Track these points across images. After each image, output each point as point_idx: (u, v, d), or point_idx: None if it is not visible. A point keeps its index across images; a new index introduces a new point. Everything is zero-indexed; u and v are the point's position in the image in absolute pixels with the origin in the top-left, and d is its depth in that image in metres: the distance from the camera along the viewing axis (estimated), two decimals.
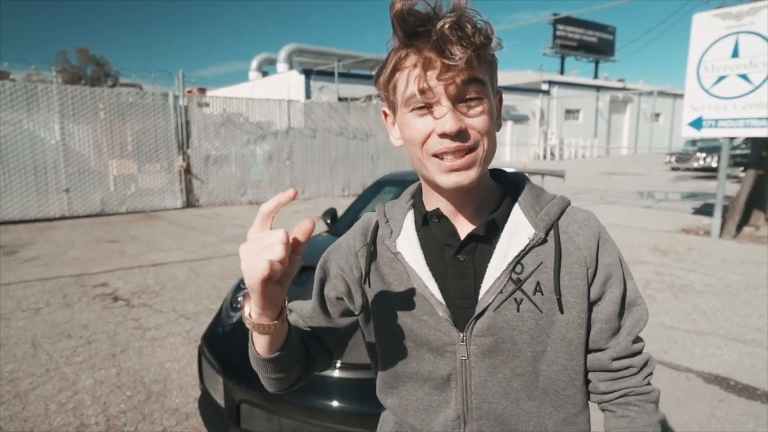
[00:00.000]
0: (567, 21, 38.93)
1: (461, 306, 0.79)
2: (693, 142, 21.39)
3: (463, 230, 0.82)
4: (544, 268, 0.78)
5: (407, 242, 0.84)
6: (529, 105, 30.04)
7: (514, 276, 0.78)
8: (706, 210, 10.02)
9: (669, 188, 15.26)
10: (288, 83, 24.10)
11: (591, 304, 0.81)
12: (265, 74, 32.53)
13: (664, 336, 3.98)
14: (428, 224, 0.84)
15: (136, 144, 10.89)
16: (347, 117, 14.20)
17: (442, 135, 0.71)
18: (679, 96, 30.73)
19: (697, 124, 7.93)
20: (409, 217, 0.87)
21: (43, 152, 9.77)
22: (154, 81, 12.38)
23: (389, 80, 0.76)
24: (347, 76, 24.73)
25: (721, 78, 7.57)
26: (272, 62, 32.56)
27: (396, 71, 0.74)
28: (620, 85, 39.36)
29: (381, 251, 0.87)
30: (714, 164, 18.48)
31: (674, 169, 21.07)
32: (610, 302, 0.81)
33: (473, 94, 0.71)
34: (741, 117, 7.43)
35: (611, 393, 0.83)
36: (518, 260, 0.78)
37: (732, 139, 8.34)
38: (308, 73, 24.21)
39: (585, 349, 0.82)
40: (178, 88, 11.34)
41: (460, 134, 0.71)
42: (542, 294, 0.78)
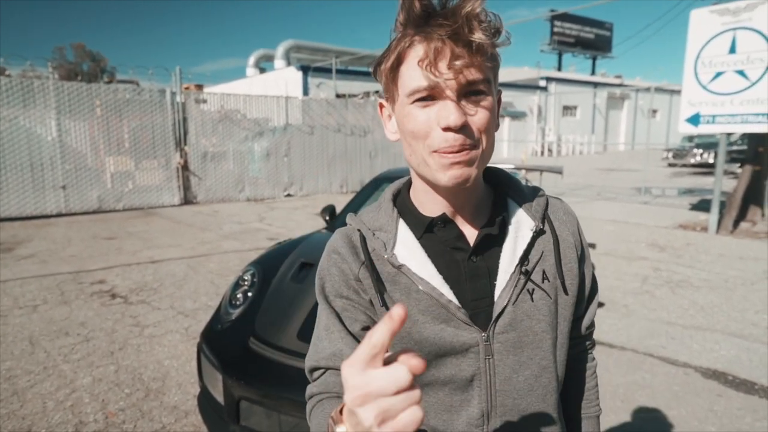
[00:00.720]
0: (564, 17, 38.90)
1: (479, 307, 0.79)
2: (690, 138, 21.42)
3: (466, 232, 0.81)
4: (546, 257, 0.83)
5: (410, 252, 0.79)
6: (527, 101, 30.03)
7: (523, 269, 0.80)
8: (703, 206, 10.05)
9: (666, 184, 15.29)
10: (285, 80, 24.03)
11: (582, 282, 0.89)
12: (263, 71, 32.42)
13: (662, 331, 4.00)
14: (431, 231, 0.81)
15: (134, 141, 10.85)
16: (345, 114, 14.18)
17: (446, 128, 0.69)
18: (677, 92, 30.75)
19: (695, 120, 7.94)
20: (402, 225, 0.82)
21: (40, 149, 9.73)
22: (151, 77, 12.33)
23: (392, 69, 0.73)
24: (345, 73, 24.67)
25: (719, 74, 7.58)
26: (270, 59, 32.46)
27: (400, 60, 0.71)
28: (617, 82, 39.38)
29: (379, 267, 0.80)
30: (711, 160, 18.54)
31: (671, 165, 21.12)
32: (589, 278, 0.92)
33: (478, 89, 0.70)
34: (738, 113, 7.44)
35: (574, 354, 0.95)
36: (527, 253, 0.81)
37: (729, 135, 8.34)
38: (306, 70, 24.14)
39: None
40: (176, 85, 11.30)
41: (463, 129, 0.69)
42: (548, 281, 0.82)
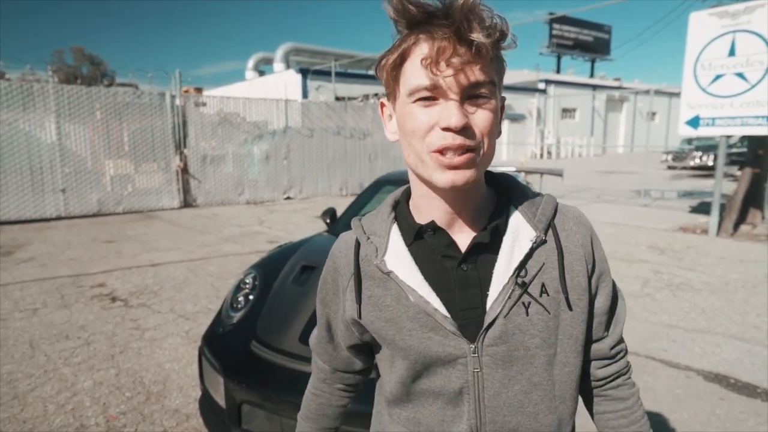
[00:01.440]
0: (563, 20, 38.98)
1: (469, 317, 0.77)
2: (689, 141, 21.46)
3: (461, 238, 0.79)
4: (547, 269, 0.78)
5: (398, 259, 0.79)
6: (526, 104, 30.08)
7: (520, 280, 0.76)
8: (703, 208, 10.06)
9: (666, 187, 15.31)
10: (285, 83, 24.07)
11: (592, 300, 0.83)
12: (262, 74, 32.47)
13: (663, 334, 3.99)
14: (421, 238, 0.80)
15: (133, 144, 10.85)
16: (344, 116, 14.19)
17: (446, 129, 0.68)
18: (676, 95, 30.82)
19: (694, 123, 7.95)
20: (395, 231, 0.82)
21: (39, 152, 9.72)
22: (151, 81, 12.35)
23: (394, 68, 0.72)
24: (344, 76, 24.72)
25: (718, 77, 7.60)
26: (269, 62, 32.50)
27: (404, 58, 0.70)
28: (616, 84, 39.48)
29: (370, 273, 0.82)
30: (710, 163, 18.57)
31: (671, 168, 21.15)
32: (607, 296, 0.85)
33: (481, 91, 0.69)
34: (738, 115, 7.45)
35: (607, 378, 0.88)
36: (523, 264, 0.77)
37: (728, 138, 8.36)
38: (305, 73, 24.19)
39: (585, 345, 0.83)
40: (175, 88, 11.30)
41: (464, 130, 0.68)
42: (548, 295, 0.77)
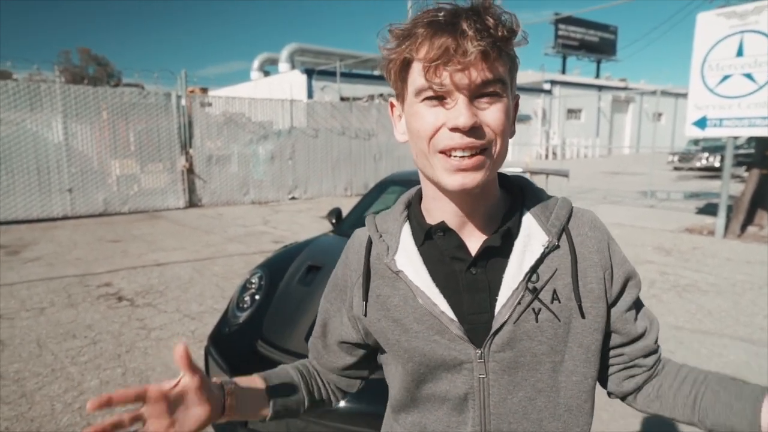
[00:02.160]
0: (568, 20, 38.87)
1: (476, 322, 0.75)
2: (695, 142, 21.35)
3: (472, 241, 0.77)
4: (560, 275, 0.75)
5: (408, 259, 0.78)
6: (531, 104, 30.01)
7: (530, 285, 0.74)
8: (710, 209, 10.00)
9: (672, 188, 15.23)
10: (290, 83, 24.12)
11: (609, 306, 0.79)
12: (267, 74, 32.56)
13: (670, 336, 3.97)
14: (431, 238, 0.78)
15: (139, 144, 10.90)
16: (349, 117, 14.20)
17: (454, 129, 0.66)
18: (682, 95, 30.67)
19: (702, 124, 7.91)
20: (406, 231, 0.81)
21: (46, 152, 9.78)
22: (157, 81, 12.43)
23: (401, 68, 0.70)
24: (349, 76, 24.74)
25: (726, 77, 7.55)
26: (274, 62, 32.59)
27: (410, 57, 0.69)
28: (622, 85, 39.34)
29: (380, 271, 0.81)
30: (716, 164, 18.47)
31: (677, 169, 21.03)
32: (630, 294, 0.82)
33: (491, 90, 0.67)
34: (745, 116, 7.40)
35: (656, 362, 0.85)
36: (534, 269, 0.75)
37: (735, 139, 8.31)
38: (310, 73, 24.22)
39: (600, 357, 0.79)
40: (181, 88, 11.35)
41: (474, 130, 0.66)
42: (559, 302, 0.75)
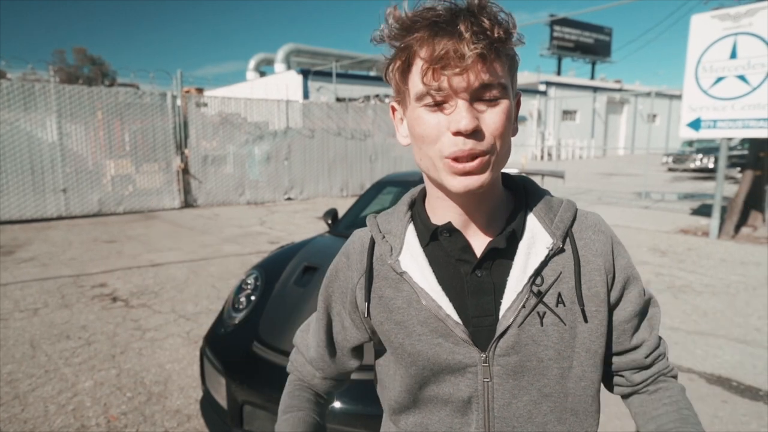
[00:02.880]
0: (564, 22, 39.04)
1: (481, 324, 0.74)
2: (690, 143, 21.49)
3: (477, 242, 0.76)
4: (564, 278, 0.75)
5: (413, 260, 0.77)
6: (527, 106, 30.08)
7: (535, 288, 0.73)
8: (704, 211, 10.05)
9: (666, 189, 15.30)
10: (286, 83, 24.09)
11: (611, 310, 0.79)
12: (263, 74, 32.53)
13: (665, 336, 3.98)
14: (437, 239, 0.78)
15: (134, 144, 10.86)
16: (345, 117, 14.19)
17: (456, 133, 0.66)
18: (676, 97, 30.84)
19: (696, 125, 7.95)
20: (411, 231, 0.80)
21: (40, 152, 9.73)
22: (152, 81, 12.41)
23: (402, 71, 0.70)
24: (345, 77, 24.74)
25: (720, 79, 7.59)
26: (270, 62, 32.57)
27: (410, 61, 0.68)
28: (617, 86, 39.52)
29: (383, 272, 0.80)
30: (711, 165, 18.58)
31: (671, 170, 21.16)
32: (630, 302, 0.81)
33: (491, 92, 0.66)
34: (739, 118, 7.45)
35: (646, 380, 0.85)
36: (539, 272, 0.74)
37: (729, 140, 8.36)
38: (306, 74, 24.21)
39: (603, 359, 0.79)
40: (176, 88, 11.31)
41: (475, 133, 0.66)
42: (564, 305, 0.74)
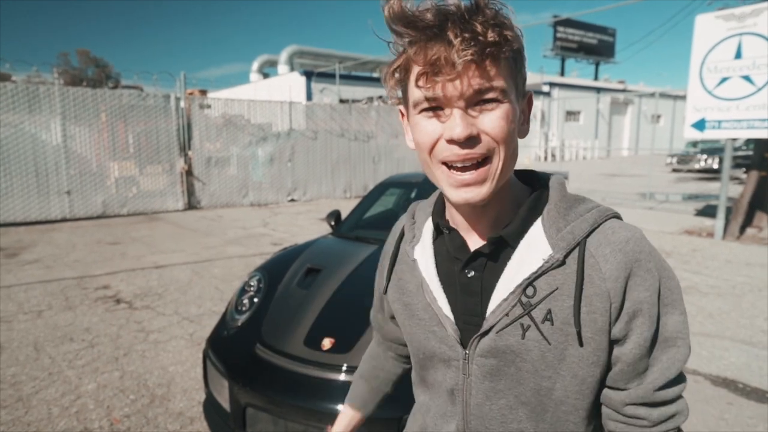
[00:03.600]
0: (567, 23, 38.94)
1: (470, 322, 0.76)
2: (694, 144, 21.40)
3: (475, 244, 0.77)
4: (559, 295, 0.69)
5: (423, 250, 0.82)
6: None
7: (524, 299, 0.70)
8: (709, 211, 10.00)
9: (671, 190, 15.24)
10: (289, 85, 24.11)
11: (612, 342, 0.70)
12: (266, 76, 32.59)
13: None
14: (443, 233, 0.81)
15: (138, 146, 10.88)
16: (348, 119, 14.19)
17: (450, 141, 0.65)
18: (680, 97, 30.73)
19: (700, 126, 7.91)
20: (429, 223, 0.84)
21: (45, 154, 9.76)
22: (156, 83, 12.41)
23: (401, 79, 0.70)
24: (348, 78, 24.76)
25: (724, 79, 7.56)
26: (273, 64, 32.63)
27: (407, 69, 0.68)
28: (621, 87, 39.39)
29: (405, 257, 0.87)
30: (715, 166, 18.48)
31: (675, 171, 21.05)
32: (636, 344, 0.69)
33: (488, 97, 0.65)
34: (744, 118, 7.41)
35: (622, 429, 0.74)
36: (530, 282, 0.70)
37: (734, 140, 8.32)
38: (309, 75, 24.23)
39: (600, 388, 0.74)
40: (180, 90, 11.34)
41: (471, 141, 0.65)
42: (552, 324, 0.69)
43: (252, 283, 2.78)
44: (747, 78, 7.31)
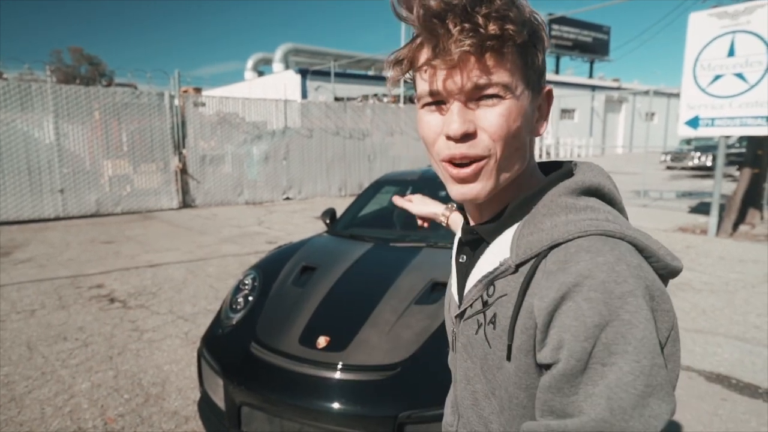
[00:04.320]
0: (562, 21, 38.99)
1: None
2: (688, 141, 21.49)
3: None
4: (506, 302, 0.66)
5: (458, 234, 0.88)
6: None
7: (485, 297, 0.70)
8: (702, 209, 10.06)
9: (665, 187, 15.31)
10: (284, 83, 24.05)
11: (539, 367, 0.62)
12: (261, 74, 32.47)
13: None
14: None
15: (132, 144, 10.83)
16: (344, 117, 14.17)
17: (447, 137, 0.64)
18: (674, 95, 30.85)
19: (694, 123, 7.95)
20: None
21: (38, 152, 9.69)
22: (150, 81, 12.31)
23: (407, 72, 0.69)
24: (343, 76, 24.72)
25: (718, 77, 7.59)
26: (268, 62, 32.51)
27: (412, 63, 0.67)
28: (615, 85, 39.48)
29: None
30: (709, 163, 18.59)
31: (669, 168, 21.16)
32: (550, 374, 0.59)
33: (489, 92, 0.63)
34: (737, 116, 7.45)
35: None
36: (491, 281, 0.69)
37: (727, 138, 8.37)
38: (304, 73, 24.18)
39: (527, 415, 0.66)
40: (174, 88, 11.28)
41: (467, 137, 0.64)
42: (494, 329, 0.67)
43: (247, 282, 2.77)
44: (740, 75, 7.35)
